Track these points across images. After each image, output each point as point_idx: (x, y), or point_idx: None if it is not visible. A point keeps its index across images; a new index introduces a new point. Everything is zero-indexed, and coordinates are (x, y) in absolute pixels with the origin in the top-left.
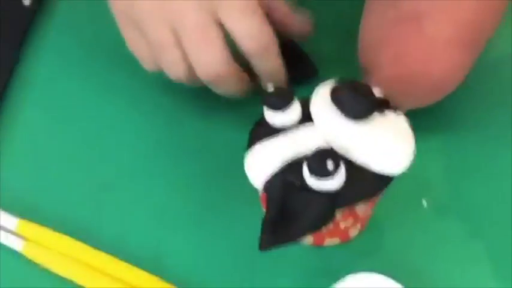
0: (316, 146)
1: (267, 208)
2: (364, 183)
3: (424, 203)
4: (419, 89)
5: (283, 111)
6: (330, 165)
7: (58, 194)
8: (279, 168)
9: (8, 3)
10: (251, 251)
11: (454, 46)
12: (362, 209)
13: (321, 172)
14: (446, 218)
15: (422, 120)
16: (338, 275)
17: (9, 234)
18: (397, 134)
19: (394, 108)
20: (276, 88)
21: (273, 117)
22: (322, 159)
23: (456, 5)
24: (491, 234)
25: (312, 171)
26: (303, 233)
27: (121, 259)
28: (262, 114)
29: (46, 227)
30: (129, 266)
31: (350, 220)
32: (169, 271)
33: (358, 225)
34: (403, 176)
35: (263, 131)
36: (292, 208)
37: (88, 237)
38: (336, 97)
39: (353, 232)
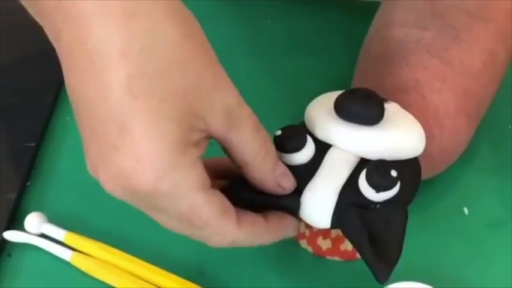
0: (351, 164)
1: (357, 242)
2: (408, 174)
3: (466, 210)
4: (424, 159)
5: (299, 151)
6: (393, 173)
7: (102, 208)
8: (338, 201)
9: None
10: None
11: (459, 115)
12: None
13: (389, 184)
14: (488, 225)
15: None
16: (378, 284)
17: (58, 245)
18: (405, 118)
19: (385, 100)
20: (284, 130)
21: (288, 157)
22: (384, 172)
23: (456, 74)
24: None
25: (379, 187)
26: (402, 246)
27: (163, 268)
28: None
29: (91, 238)
30: (171, 275)
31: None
32: (211, 281)
33: None
34: (444, 184)
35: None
36: (374, 229)
37: (130, 247)
38: (345, 112)
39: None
